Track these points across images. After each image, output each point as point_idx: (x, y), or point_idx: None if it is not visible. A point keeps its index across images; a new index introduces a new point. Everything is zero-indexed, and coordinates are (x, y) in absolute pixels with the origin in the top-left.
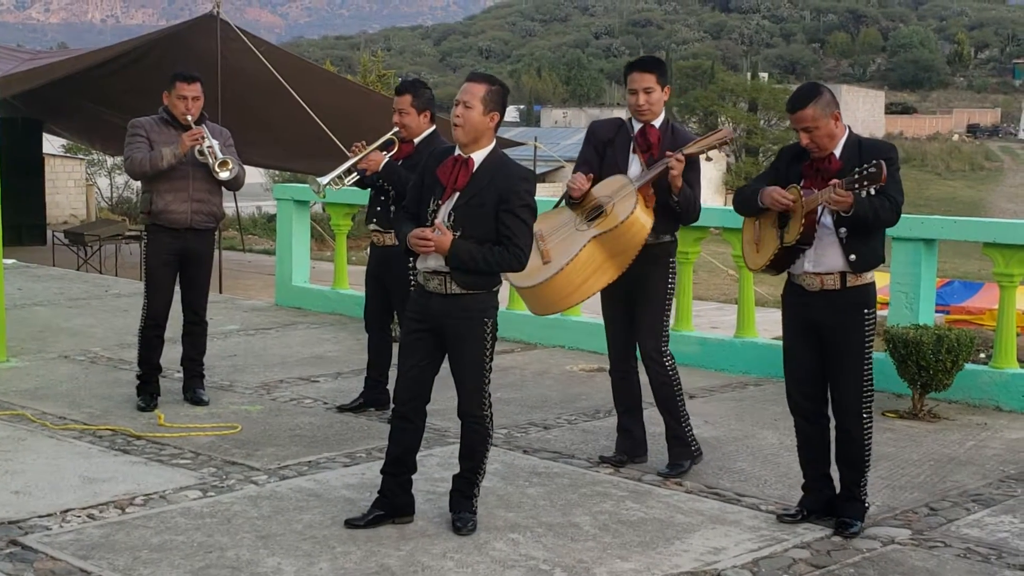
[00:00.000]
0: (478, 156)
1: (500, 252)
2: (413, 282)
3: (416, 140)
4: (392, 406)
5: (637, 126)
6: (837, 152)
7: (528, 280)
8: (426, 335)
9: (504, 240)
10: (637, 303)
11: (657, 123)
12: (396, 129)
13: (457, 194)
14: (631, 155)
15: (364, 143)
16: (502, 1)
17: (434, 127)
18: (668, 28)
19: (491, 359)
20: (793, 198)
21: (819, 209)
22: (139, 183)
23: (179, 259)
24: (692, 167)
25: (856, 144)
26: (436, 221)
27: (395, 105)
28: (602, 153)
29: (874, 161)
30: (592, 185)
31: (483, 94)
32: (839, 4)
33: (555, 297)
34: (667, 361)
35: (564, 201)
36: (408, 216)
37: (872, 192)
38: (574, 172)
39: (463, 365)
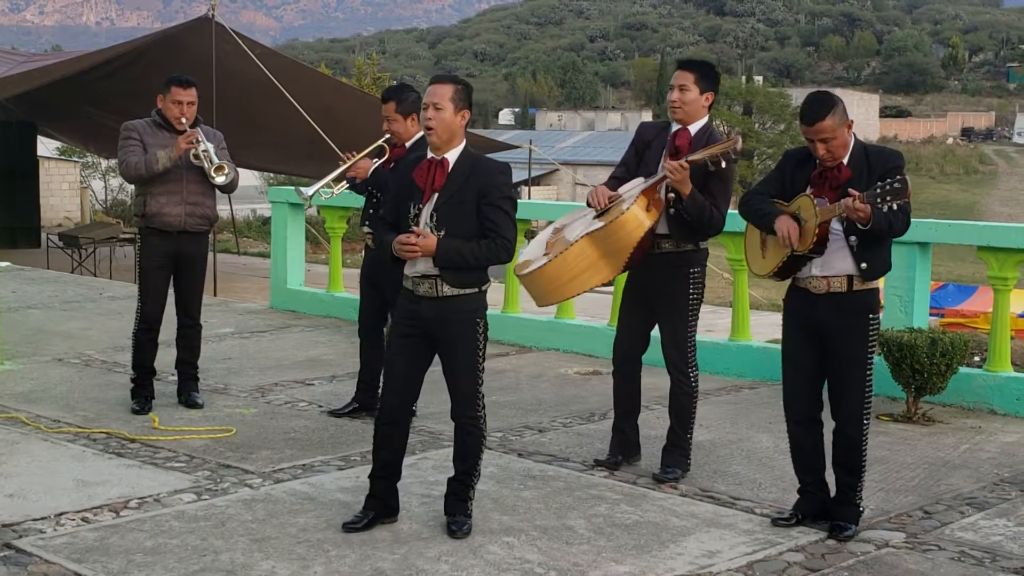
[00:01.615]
0: (452, 155)
1: (487, 245)
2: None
3: (407, 144)
4: (379, 411)
5: (675, 128)
6: (845, 160)
7: (525, 268)
8: (416, 340)
9: (489, 233)
10: (659, 313)
11: (694, 128)
12: (387, 136)
13: (436, 195)
14: (663, 158)
15: (355, 152)
16: (497, 4)
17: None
18: (663, 31)
19: (484, 360)
20: (800, 240)
21: (834, 220)
22: (133, 186)
23: (173, 262)
24: (718, 178)
25: (863, 151)
26: (417, 227)
27: (383, 113)
28: (642, 155)
29: (898, 177)
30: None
31: (451, 94)
32: (833, 8)
33: (546, 287)
34: (691, 373)
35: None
36: (388, 225)
37: (896, 207)
38: (612, 173)
39: (457, 368)
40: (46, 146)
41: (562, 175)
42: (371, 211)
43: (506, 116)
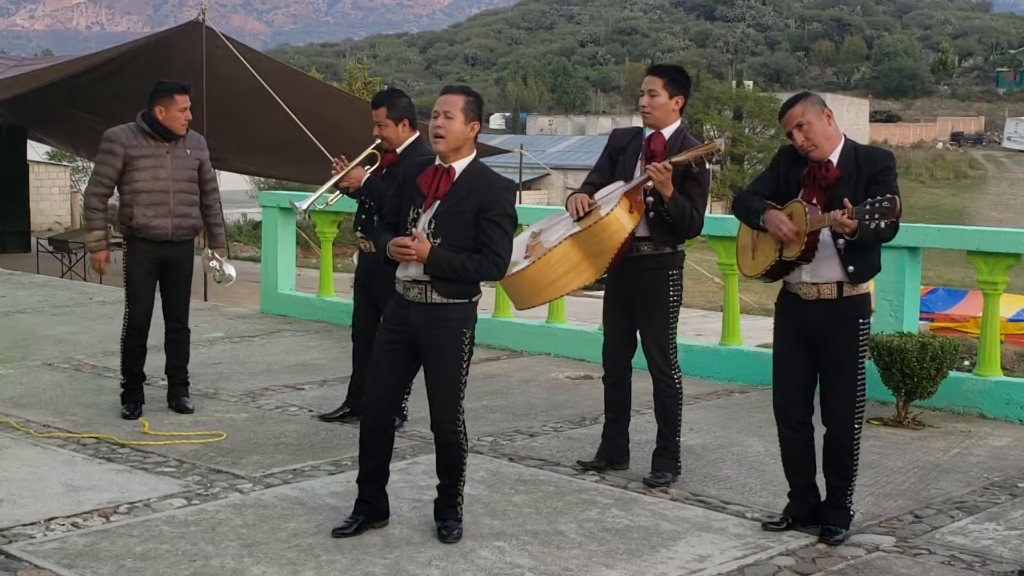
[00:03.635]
0: (459, 165)
1: (479, 260)
2: None
3: (399, 149)
4: (364, 417)
5: (648, 133)
6: (834, 159)
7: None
8: (402, 347)
9: (483, 248)
10: (639, 316)
11: (667, 132)
12: (377, 142)
13: (438, 202)
14: (638, 162)
15: (344, 159)
16: (488, 9)
17: (417, 134)
18: (653, 36)
19: (467, 372)
20: (796, 230)
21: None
22: (119, 192)
23: (159, 267)
24: (695, 181)
25: (853, 151)
26: (415, 230)
27: (373, 118)
28: (616, 160)
29: (888, 196)
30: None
31: (463, 104)
32: (824, 13)
33: (528, 290)
34: (675, 374)
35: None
36: (387, 226)
37: (883, 226)
38: (586, 179)
39: (440, 377)
40: (36, 150)
41: (552, 180)
42: (363, 216)
43: (497, 121)
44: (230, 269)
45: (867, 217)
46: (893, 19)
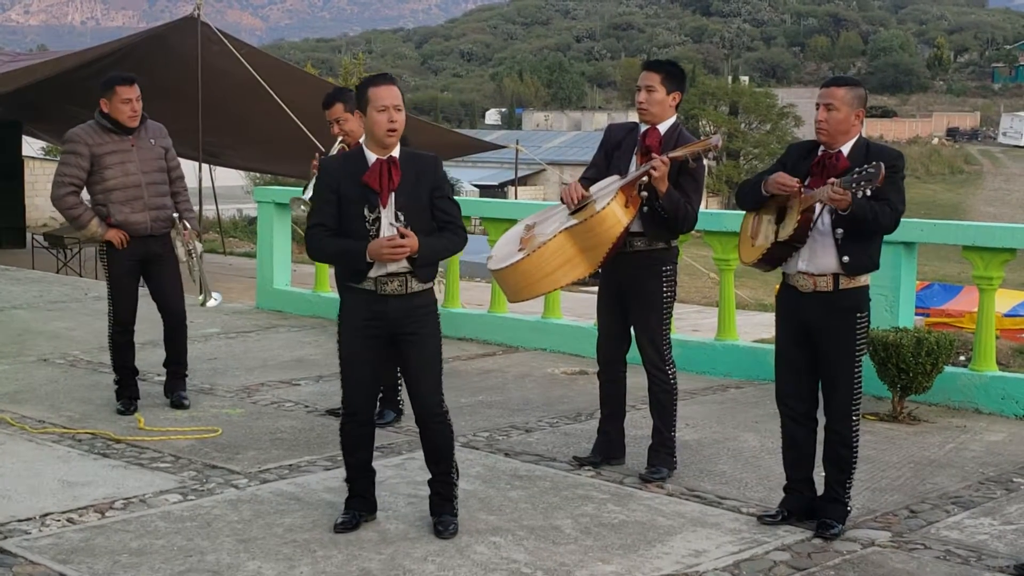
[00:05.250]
0: (395, 153)
1: (450, 237)
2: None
3: (361, 140)
4: (351, 415)
5: (643, 128)
6: (845, 151)
7: (499, 263)
8: (379, 341)
9: (448, 226)
10: (633, 312)
11: (663, 127)
12: (340, 138)
13: (393, 195)
14: (633, 157)
15: (320, 154)
16: (483, 4)
17: None
18: (649, 31)
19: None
20: (796, 183)
21: (817, 207)
22: (89, 193)
23: (141, 263)
24: (690, 176)
25: (864, 147)
26: (398, 227)
27: (330, 117)
28: (611, 156)
29: (874, 163)
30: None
31: (402, 96)
32: (819, 8)
33: (522, 283)
34: (669, 369)
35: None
36: (330, 233)
37: (869, 192)
38: (583, 174)
39: (425, 362)
40: (31, 146)
41: (549, 175)
42: None
43: (492, 116)
44: (216, 295)
45: (854, 185)
46: (888, 14)
